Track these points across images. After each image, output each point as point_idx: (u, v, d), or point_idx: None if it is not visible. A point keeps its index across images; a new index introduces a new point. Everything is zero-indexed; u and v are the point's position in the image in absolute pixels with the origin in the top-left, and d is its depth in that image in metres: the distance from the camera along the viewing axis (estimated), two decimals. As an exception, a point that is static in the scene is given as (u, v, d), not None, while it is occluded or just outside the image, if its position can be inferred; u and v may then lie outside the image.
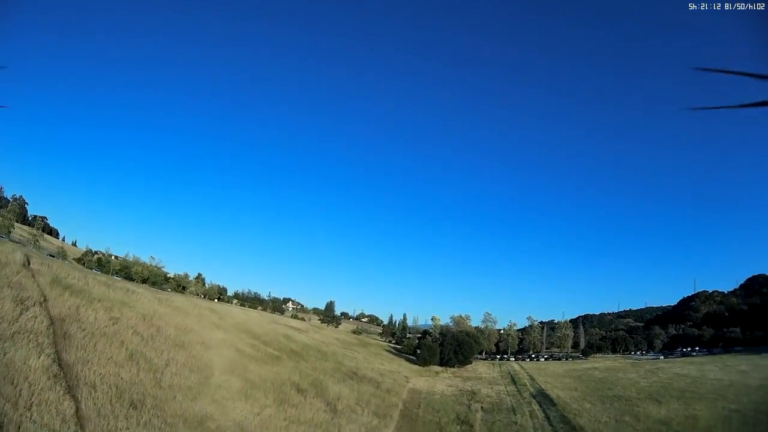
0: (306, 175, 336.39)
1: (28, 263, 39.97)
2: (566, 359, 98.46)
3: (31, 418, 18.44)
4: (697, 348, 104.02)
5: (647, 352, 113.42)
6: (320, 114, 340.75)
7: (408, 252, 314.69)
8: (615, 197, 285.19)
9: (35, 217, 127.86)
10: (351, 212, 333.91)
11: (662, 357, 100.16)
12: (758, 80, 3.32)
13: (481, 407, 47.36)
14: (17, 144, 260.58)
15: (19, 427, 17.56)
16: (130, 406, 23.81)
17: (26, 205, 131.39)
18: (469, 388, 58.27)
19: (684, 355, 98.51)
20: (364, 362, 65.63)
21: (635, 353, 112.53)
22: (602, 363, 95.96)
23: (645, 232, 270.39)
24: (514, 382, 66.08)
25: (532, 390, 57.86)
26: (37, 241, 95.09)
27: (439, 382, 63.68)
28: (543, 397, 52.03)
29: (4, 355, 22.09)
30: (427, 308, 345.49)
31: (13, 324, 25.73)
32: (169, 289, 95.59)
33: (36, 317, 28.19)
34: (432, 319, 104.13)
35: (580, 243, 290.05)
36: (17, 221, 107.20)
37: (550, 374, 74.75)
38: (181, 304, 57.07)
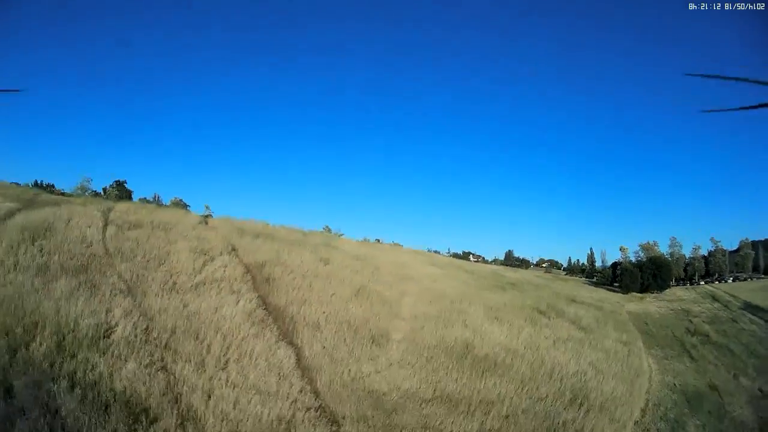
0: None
1: (206, 222, 36.07)
2: (751, 279, 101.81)
3: (227, 381, 14.69)
4: None
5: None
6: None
7: (583, 185, 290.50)
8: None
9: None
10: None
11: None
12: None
13: (702, 321, 50.53)
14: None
15: (210, 395, 13.75)
16: (372, 342, 21.25)
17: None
18: (679, 308, 61.90)
19: None
20: (574, 291, 68.46)
21: None
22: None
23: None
24: (716, 300, 68.67)
25: (738, 304, 60.52)
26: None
27: (648, 305, 67.15)
28: (753, 308, 54.85)
29: (184, 307, 18.10)
30: (605, 243, 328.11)
31: (194, 276, 21.81)
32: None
33: (225, 266, 24.26)
34: (620, 250, 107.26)
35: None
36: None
37: (746, 290, 75.87)
38: (385, 248, 56.84)
